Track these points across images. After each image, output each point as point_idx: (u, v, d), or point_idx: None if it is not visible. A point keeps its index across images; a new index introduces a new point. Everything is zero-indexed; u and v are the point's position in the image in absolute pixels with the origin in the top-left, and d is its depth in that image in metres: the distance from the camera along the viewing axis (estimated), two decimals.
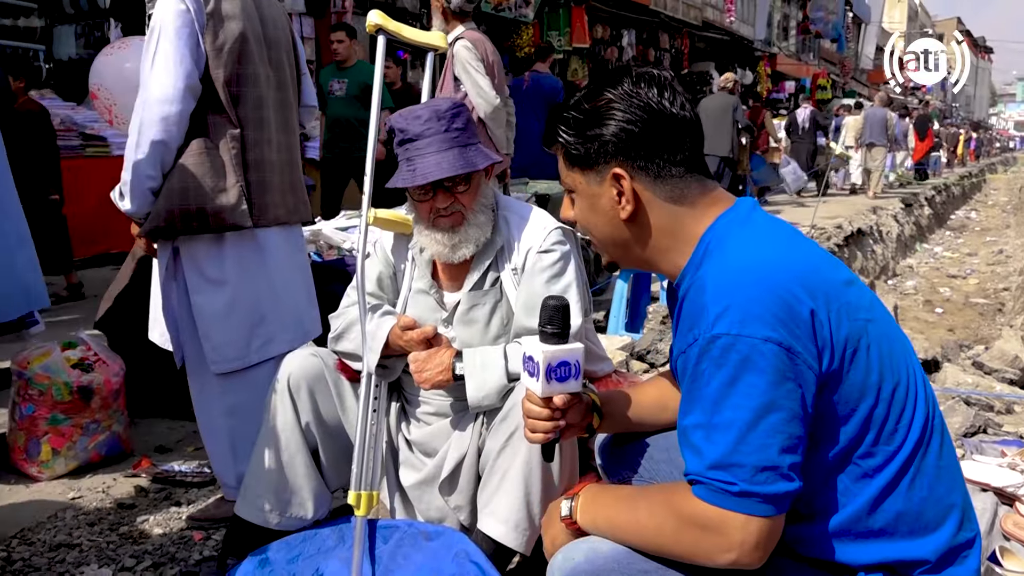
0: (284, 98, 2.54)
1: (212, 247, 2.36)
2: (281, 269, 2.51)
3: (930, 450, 1.23)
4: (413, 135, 1.90)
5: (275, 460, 2.07)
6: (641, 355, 3.68)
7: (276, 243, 2.50)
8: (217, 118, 2.33)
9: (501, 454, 1.84)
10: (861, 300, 1.25)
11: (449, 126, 1.90)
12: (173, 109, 2.24)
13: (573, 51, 13.57)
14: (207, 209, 2.29)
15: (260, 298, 2.45)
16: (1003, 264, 12.72)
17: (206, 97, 2.31)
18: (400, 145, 1.93)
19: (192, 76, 2.25)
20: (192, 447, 3.08)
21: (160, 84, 2.23)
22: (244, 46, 2.35)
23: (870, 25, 32.86)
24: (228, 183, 2.32)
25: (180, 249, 2.37)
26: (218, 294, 2.38)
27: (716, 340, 1.15)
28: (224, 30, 2.32)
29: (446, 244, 1.94)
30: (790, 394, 1.14)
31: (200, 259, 2.37)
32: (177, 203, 2.28)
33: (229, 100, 2.33)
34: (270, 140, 2.45)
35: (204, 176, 2.30)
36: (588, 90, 1.35)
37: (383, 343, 1.98)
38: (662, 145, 1.29)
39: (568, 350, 1.39)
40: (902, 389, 1.22)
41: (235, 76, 2.34)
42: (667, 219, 1.32)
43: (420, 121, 1.90)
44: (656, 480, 1.62)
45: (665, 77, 1.33)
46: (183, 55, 2.24)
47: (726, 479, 1.14)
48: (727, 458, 1.14)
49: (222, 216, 2.31)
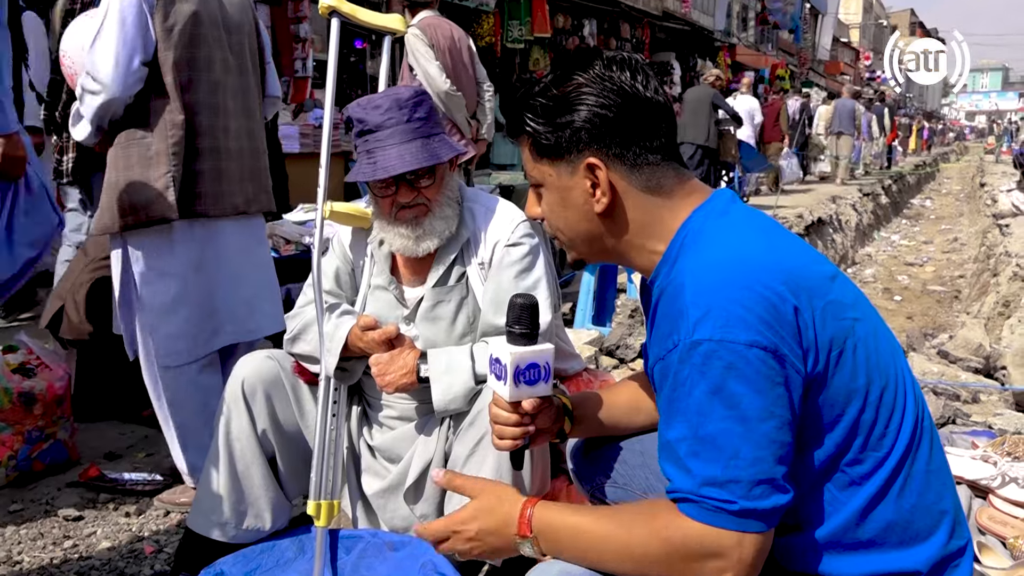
0: (245, 84, 2.44)
1: (159, 238, 2.28)
2: (234, 261, 2.43)
3: (920, 454, 1.17)
4: (372, 126, 1.79)
5: (230, 470, 1.96)
6: (611, 350, 3.61)
7: (231, 234, 2.41)
8: (159, 103, 2.24)
9: (469, 461, 1.75)
10: (846, 297, 1.18)
11: (411, 116, 1.79)
12: (107, 97, 2.16)
13: (535, 41, 13.46)
14: (136, 202, 2.22)
15: (211, 291, 2.37)
16: (958, 252, 12.94)
17: (151, 80, 2.21)
18: (359, 136, 1.82)
19: (133, 61, 2.15)
20: (143, 452, 2.94)
21: (99, 69, 2.14)
22: (197, 28, 2.26)
23: (827, 16, 33.21)
24: (157, 173, 2.23)
25: (128, 241, 2.29)
26: (165, 287, 2.31)
27: (698, 346, 1.07)
28: (175, 11, 2.22)
29: (409, 237, 1.84)
30: (779, 400, 1.07)
31: (147, 251, 2.29)
32: (114, 197, 2.23)
33: (177, 85, 2.23)
34: (227, 127, 2.36)
35: (133, 167, 2.23)
36: (556, 74, 1.26)
37: (342, 344, 1.88)
38: (638, 131, 1.21)
39: (537, 351, 1.32)
40: (890, 391, 1.16)
41: (186, 60, 2.25)
42: (643, 212, 1.24)
43: (380, 111, 1.79)
44: (631, 486, 1.55)
45: (637, 60, 1.25)
46: (127, 37, 2.14)
47: (723, 497, 1.06)
48: (721, 474, 1.06)
49: (150, 209, 2.23)
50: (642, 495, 1.52)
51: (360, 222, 2.00)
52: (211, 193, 2.32)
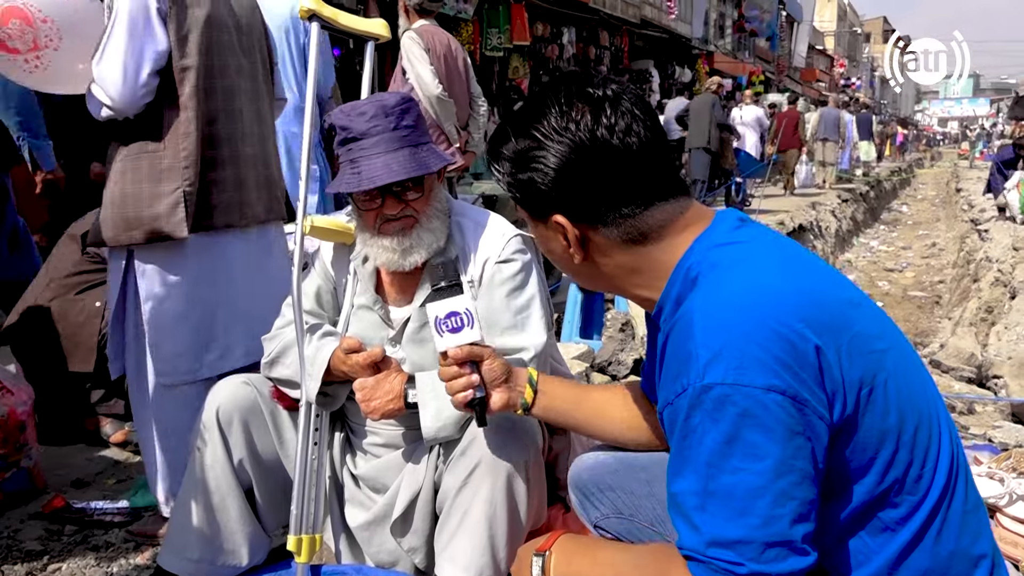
0: (257, 88, 2.34)
1: (170, 252, 2.17)
2: (246, 275, 2.32)
3: (956, 494, 1.07)
4: (357, 133, 1.68)
5: (204, 503, 1.83)
6: (602, 367, 3.50)
7: (244, 246, 2.31)
8: (172, 113, 2.12)
9: (461, 492, 1.64)
10: (871, 325, 1.07)
11: (398, 123, 1.68)
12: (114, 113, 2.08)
13: (514, 49, 13.41)
14: (143, 217, 2.11)
15: (219, 307, 2.26)
16: (936, 257, 13.02)
17: (163, 90, 2.11)
18: (342, 145, 1.70)
19: (142, 73, 2.05)
20: (113, 479, 2.79)
21: (107, 84, 2.04)
22: (211, 33, 2.16)
23: (802, 24, 33.51)
24: (167, 188, 2.12)
25: (135, 253, 2.18)
26: (172, 302, 2.19)
27: (709, 390, 0.97)
28: (189, 18, 2.11)
29: (395, 250, 1.72)
30: (799, 451, 0.96)
31: (155, 265, 2.18)
32: (118, 211, 2.12)
33: (193, 95, 2.12)
34: (243, 133, 2.26)
35: (141, 181, 2.12)
36: (519, 120, 1.15)
37: (324, 368, 1.76)
38: (605, 187, 1.10)
39: (451, 300, 1.43)
40: (924, 427, 1.05)
41: (203, 68, 2.14)
42: (629, 259, 1.15)
43: (365, 118, 1.67)
44: (637, 517, 1.44)
45: (605, 94, 1.11)
46: (136, 48, 2.04)
47: (730, 559, 0.95)
48: (730, 533, 0.96)
49: (157, 225, 2.11)
50: (648, 527, 1.42)
51: (342, 237, 1.89)
52: (231, 203, 2.22)
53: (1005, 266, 7.36)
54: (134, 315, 2.24)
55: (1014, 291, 6.41)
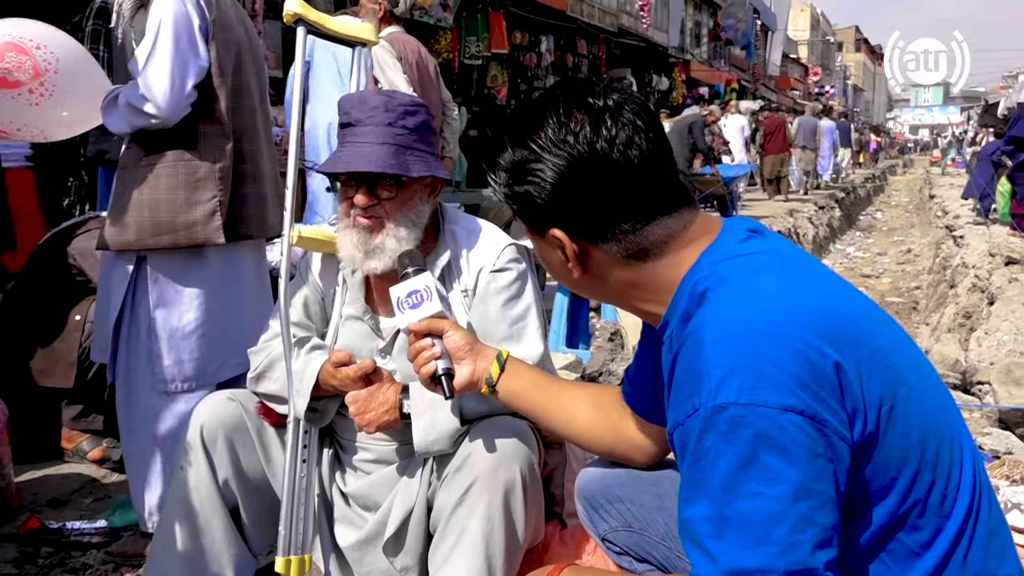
0: (265, 109, 2.45)
1: (185, 260, 2.21)
2: (249, 287, 2.38)
3: (981, 515, 1.03)
4: (353, 120, 1.68)
5: (188, 524, 1.77)
6: (593, 377, 3.45)
7: (250, 258, 2.38)
8: (208, 128, 2.18)
9: (457, 510, 1.59)
10: (888, 338, 1.03)
11: (395, 120, 1.66)
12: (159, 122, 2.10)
13: (492, 57, 13.41)
14: (178, 222, 2.13)
15: (226, 317, 2.29)
16: (912, 263, 13.14)
17: (199, 105, 2.16)
18: (342, 127, 1.70)
19: (187, 84, 2.10)
20: (91, 498, 2.71)
21: (155, 93, 2.06)
22: (240, 55, 2.25)
23: (776, 33, 33.83)
24: (204, 196, 2.17)
25: (149, 260, 2.19)
26: (184, 310, 2.21)
27: (722, 411, 0.92)
28: (228, 39, 2.20)
29: (359, 248, 1.69)
30: (820, 474, 0.91)
31: (169, 273, 2.20)
32: (148, 215, 2.13)
33: (227, 110, 2.19)
34: (262, 151, 2.34)
35: (179, 188, 2.14)
36: (516, 130, 1.11)
37: (312, 383, 1.70)
38: (605, 202, 1.06)
39: (412, 280, 1.49)
40: (947, 445, 1.01)
41: (235, 87, 2.23)
42: (631, 274, 1.11)
43: (367, 107, 1.67)
44: (648, 531, 1.40)
45: (605, 104, 1.06)
46: (183, 60, 2.09)
47: None
48: (748, 562, 0.91)
49: (194, 231, 2.15)
50: (660, 542, 1.38)
51: (329, 248, 1.84)
52: (253, 216, 2.29)
53: (982, 272, 7.43)
54: (131, 322, 2.22)
55: (992, 297, 6.46)
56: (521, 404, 1.46)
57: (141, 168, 2.16)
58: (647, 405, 1.37)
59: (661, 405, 1.28)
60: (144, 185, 2.15)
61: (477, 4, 12.78)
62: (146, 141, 2.17)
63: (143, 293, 2.21)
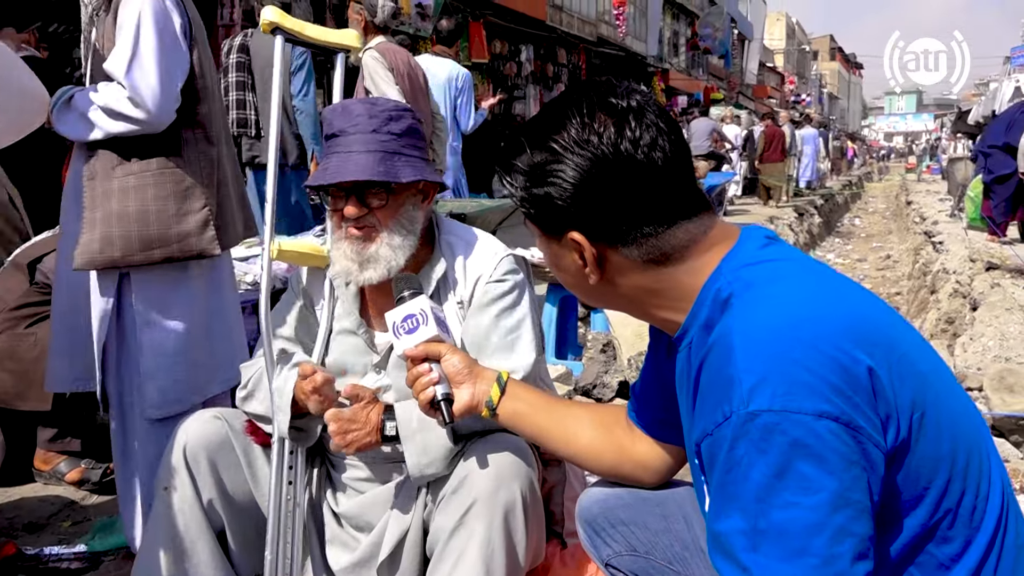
0: (223, 108, 2.36)
1: (172, 275, 2.09)
2: (227, 297, 2.27)
3: (1009, 528, 1.00)
4: (337, 130, 1.62)
5: (172, 548, 1.70)
6: (587, 390, 3.40)
7: (226, 267, 2.28)
8: (191, 133, 2.07)
9: (455, 534, 1.53)
10: (915, 346, 1.01)
11: (380, 127, 1.61)
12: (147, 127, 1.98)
13: (472, 66, 13.40)
14: (170, 235, 2.01)
15: (212, 331, 2.19)
16: (891, 269, 13.24)
17: (182, 109, 2.04)
18: (327, 139, 1.65)
19: (175, 87, 2.00)
20: (69, 521, 2.62)
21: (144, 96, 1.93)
22: (205, 55, 2.14)
23: (753, 42, 34.17)
24: (195, 206, 2.06)
25: (131, 277, 2.06)
26: (170, 329, 2.09)
27: (755, 418, 0.89)
28: (201, 39, 2.10)
29: (354, 260, 1.63)
30: (856, 483, 0.88)
31: (152, 290, 2.08)
32: (135, 228, 1.99)
33: (207, 115, 2.10)
34: (228, 155, 2.24)
35: (167, 198, 2.02)
36: (536, 129, 1.08)
37: (291, 400, 1.64)
38: (628, 204, 1.03)
39: (408, 304, 1.45)
40: (976, 455, 0.99)
41: (209, 89, 2.12)
42: (650, 279, 1.07)
43: (350, 116, 1.62)
44: (653, 555, 1.35)
45: (629, 105, 1.04)
46: (169, 62, 1.98)
47: None
48: (786, 574, 0.87)
49: (188, 243, 2.04)
50: (666, 566, 1.33)
51: (313, 260, 1.79)
52: (232, 223, 2.20)
53: (963, 277, 7.47)
54: (119, 344, 2.12)
55: (974, 302, 6.50)
56: (523, 426, 1.41)
57: (119, 179, 2.02)
58: (655, 420, 1.32)
59: (669, 420, 1.24)
60: (128, 197, 2.01)
61: (457, 14, 12.77)
62: (121, 148, 2.03)
63: (127, 312, 2.09)
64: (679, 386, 1.12)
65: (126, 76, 1.94)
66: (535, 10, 14.04)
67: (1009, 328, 5.20)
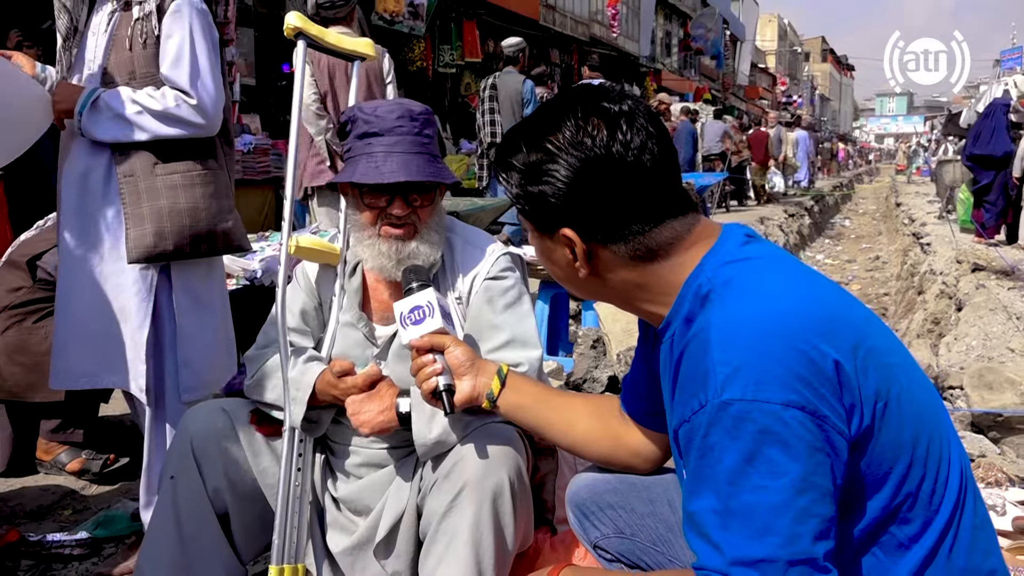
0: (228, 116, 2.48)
1: (204, 266, 2.25)
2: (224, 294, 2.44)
3: (966, 509, 1.07)
4: (380, 129, 1.67)
5: (177, 534, 1.76)
6: (577, 384, 3.48)
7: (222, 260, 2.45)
8: (218, 138, 2.21)
9: (447, 516, 1.59)
10: (882, 340, 1.08)
11: (421, 130, 1.70)
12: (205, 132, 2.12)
13: (465, 65, 13.46)
14: (217, 230, 2.18)
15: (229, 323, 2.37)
16: (880, 270, 13.35)
17: None
18: (361, 138, 1.69)
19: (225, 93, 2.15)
20: (70, 510, 2.67)
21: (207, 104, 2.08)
22: None
23: (745, 43, 34.31)
24: (230, 204, 2.24)
25: (173, 269, 2.18)
26: (206, 315, 2.26)
27: (727, 407, 0.96)
28: None
29: (391, 257, 1.70)
30: (819, 468, 0.96)
31: (191, 280, 2.23)
32: (188, 223, 2.12)
33: (226, 121, 2.23)
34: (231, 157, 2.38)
35: (213, 197, 2.17)
36: (532, 129, 1.15)
37: (309, 393, 1.71)
38: (618, 204, 1.10)
39: (415, 296, 1.51)
40: (936, 442, 1.06)
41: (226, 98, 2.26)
42: (636, 275, 1.14)
43: (392, 116, 1.68)
44: (639, 537, 1.42)
45: (621, 110, 1.11)
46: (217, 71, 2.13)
47: None
48: (753, 552, 0.95)
49: (230, 238, 2.21)
50: (651, 547, 1.40)
51: (327, 258, 1.85)
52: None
53: (949, 279, 7.57)
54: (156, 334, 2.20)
55: (960, 303, 6.59)
56: (522, 417, 1.48)
57: (162, 176, 2.11)
58: (645, 411, 1.39)
59: (658, 411, 1.31)
60: (177, 194, 2.12)
61: (450, 13, 12.82)
62: (157, 149, 2.11)
63: (164, 302, 2.19)
64: (662, 375, 1.19)
65: (192, 86, 2.06)
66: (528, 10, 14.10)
67: (992, 328, 5.30)
